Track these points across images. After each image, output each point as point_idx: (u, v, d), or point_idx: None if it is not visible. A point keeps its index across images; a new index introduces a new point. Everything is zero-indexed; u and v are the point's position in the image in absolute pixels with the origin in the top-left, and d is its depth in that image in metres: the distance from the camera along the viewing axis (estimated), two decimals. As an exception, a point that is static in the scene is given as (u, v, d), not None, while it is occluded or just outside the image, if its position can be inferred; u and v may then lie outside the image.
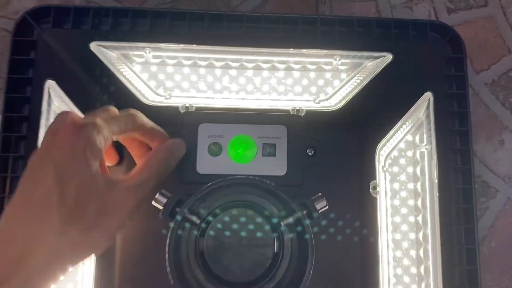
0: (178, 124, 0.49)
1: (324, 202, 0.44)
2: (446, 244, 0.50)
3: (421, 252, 0.52)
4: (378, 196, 0.50)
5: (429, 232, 0.51)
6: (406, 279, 0.51)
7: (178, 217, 0.42)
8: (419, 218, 0.52)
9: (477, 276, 0.50)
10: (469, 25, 0.63)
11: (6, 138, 0.50)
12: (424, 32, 0.56)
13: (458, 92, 0.55)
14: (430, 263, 0.50)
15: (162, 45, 0.53)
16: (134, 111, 0.43)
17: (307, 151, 0.50)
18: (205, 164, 0.49)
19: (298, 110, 0.51)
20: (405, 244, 0.53)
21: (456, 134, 0.54)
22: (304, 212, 0.43)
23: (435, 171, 0.51)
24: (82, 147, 0.36)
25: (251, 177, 0.43)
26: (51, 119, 0.51)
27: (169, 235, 0.42)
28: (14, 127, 0.51)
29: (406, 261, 0.53)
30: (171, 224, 0.42)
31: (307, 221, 0.42)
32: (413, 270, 0.52)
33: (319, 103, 0.53)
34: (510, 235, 0.58)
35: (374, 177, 0.50)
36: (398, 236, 0.53)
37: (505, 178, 0.60)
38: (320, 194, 0.44)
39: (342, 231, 0.50)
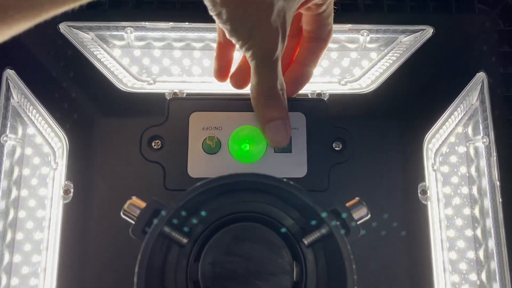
0: (163, 113, 0.42)
1: (364, 210, 0.33)
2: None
3: (483, 276, 0.44)
4: (429, 202, 0.42)
5: (493, 249, 0.44)
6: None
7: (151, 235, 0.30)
8: (478, 232, 0.45)
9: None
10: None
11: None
12: (469, 2, 0.50)
13: (517, 72, 0.49)
14: (497, 289, 0.43)
15: (146, 23, 0.48)
16: None
17: (333, 145, 0.42)
18: (199, 165, 0.41)
19: (320, 94, 0.44)
20: (462, 266, 0.44)
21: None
22: (337, 223, 0.31)
23: (495, 171, 0.44)
24: None
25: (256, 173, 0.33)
26: (10, 116, 0.46)
27: (139, 261, 0.30)
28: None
29: (466, 289, 0.44)
30: (145, 250, 0.30)
31: (343, 234, 0.31)
32: (476, 300, 0.44)
33: (345, 84, 0.46)
34: None
35: (422, 179, 0.43)
36: (453, 255, 0.45)
37: None
38: (358, 199, 0.33)
39: (384, 250, 0.41)
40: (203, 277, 0.34)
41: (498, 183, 0.44)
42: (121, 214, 0.32)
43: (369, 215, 0.33)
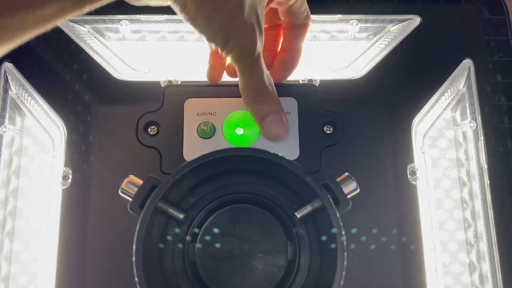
0: (159, 100, 0.42)
1: (354, 184, 0.33)
2: (503, 244, 0.43)
3: (473, 256, 0.44)
4: (417, 183, 0.42)
5: (482, 229, 0.44)
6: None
7: (148, 210, 0.30)
8: (467, 213, 0.45)
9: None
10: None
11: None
12: (454, -8, 0.51)
13: (502, 60, 0.49)
14: (487, 268, 0.43)
15: (141, 16, 0.48)
16: None
17: (324, 128, 0.43)
18: (194, 149, 0.41)
19: (310, 80, 0.44)
20: (452, 246, 0.45)
21: (501, 110, 0.47)
22: (329, 196, 0.32)
23: (483, 154, 0.45)
24: None
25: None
26: (8, 108, 0.46)
27: (137, 233, 0.31)
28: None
29: (456, 268, 0.44)
30: (142, 223, 0.31)
31: (335, 211, 0.31)
32: (466, 279, 0.44)
33: (336, 71, 0.46)
34: None
35: (411, 160, 0.43)
36: (444, 235, 0.45)
37: None
38: (347, 174, 0.33)
39: (374, 228, 0.41)
40: (200, 258, 0.35)
41: (485, 166, 0.44)
42: (119, 192, 0.33)
43: (358, 190, 0.33)
